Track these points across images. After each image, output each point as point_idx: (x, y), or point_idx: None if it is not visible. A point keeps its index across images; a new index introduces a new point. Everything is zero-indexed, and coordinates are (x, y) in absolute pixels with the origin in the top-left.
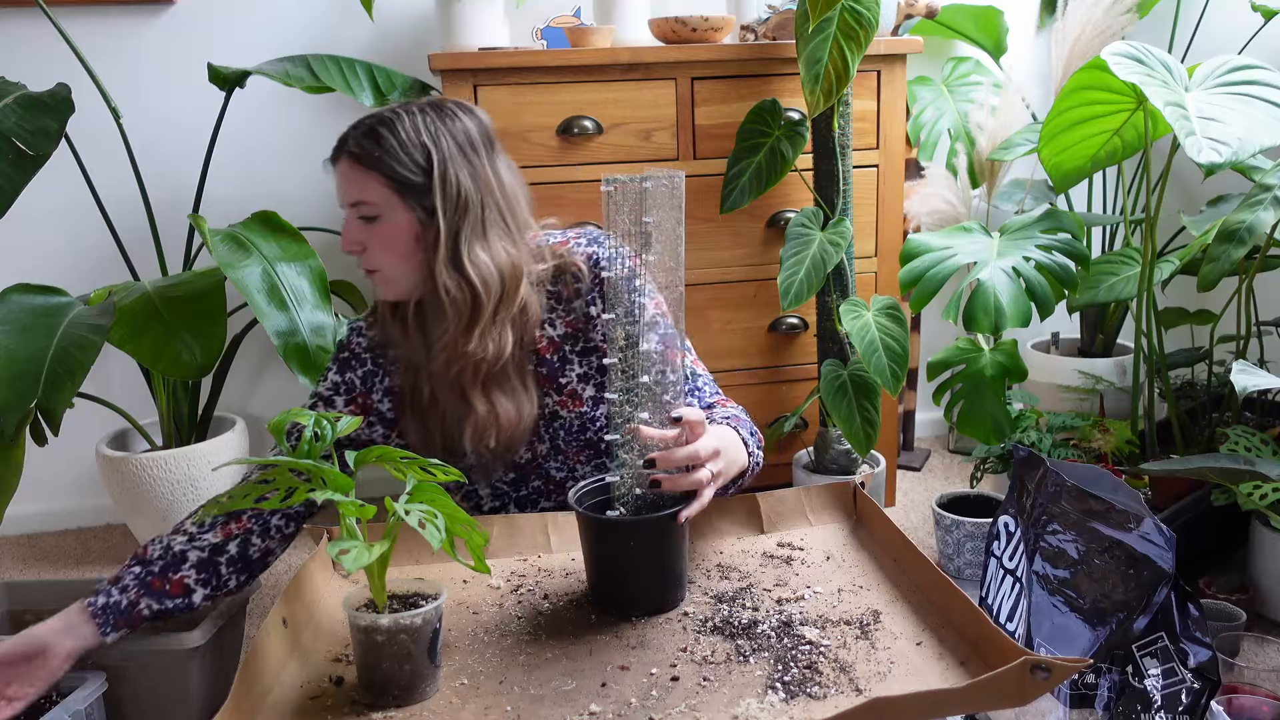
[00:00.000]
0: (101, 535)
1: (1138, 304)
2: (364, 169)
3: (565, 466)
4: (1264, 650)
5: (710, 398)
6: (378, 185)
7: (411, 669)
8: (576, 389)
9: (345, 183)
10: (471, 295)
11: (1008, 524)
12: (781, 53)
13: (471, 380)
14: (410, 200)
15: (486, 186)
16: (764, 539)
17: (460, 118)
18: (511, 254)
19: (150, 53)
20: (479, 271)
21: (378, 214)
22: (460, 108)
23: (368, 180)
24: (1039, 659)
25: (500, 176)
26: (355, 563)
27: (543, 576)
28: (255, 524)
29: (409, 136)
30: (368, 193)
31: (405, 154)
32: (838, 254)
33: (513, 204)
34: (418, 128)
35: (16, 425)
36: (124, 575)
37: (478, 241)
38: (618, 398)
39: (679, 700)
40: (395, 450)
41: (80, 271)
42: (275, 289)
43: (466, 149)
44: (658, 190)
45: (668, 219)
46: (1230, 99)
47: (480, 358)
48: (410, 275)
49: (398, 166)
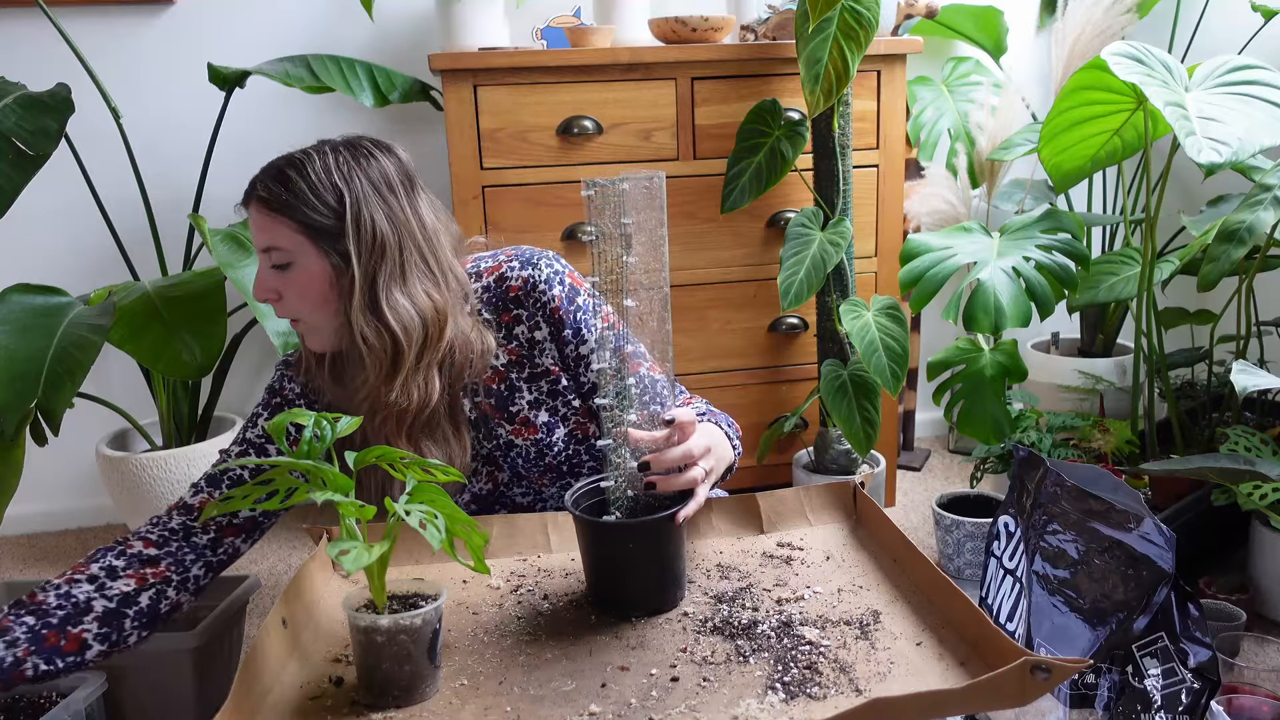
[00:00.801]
0: (101, 535)
1: (1138, 304)
2: (273, 214)
3: (531, 491)
4: (1264, 650)
5: (677, 398)
6: (288, 230)
7: (411, 669)
8: (528, 416)
9: (255, 229)
10: (392, 342)
11: (1008, 524)
12: (781, 53)
13: (395, 429)
14: (323, 245)
15: (405, 228)
16: (764, 539)
17: (376, 157)
18: (435, 297)
19: (150, 53)
20: (399, 317)
21: (290, 260)
22: (377, 146)
23: (277, 226)
24: (1039, 659)
25: (421, 216)
26: (355, 563)
27: (542, 577)
28: (174, 572)
29: (319, 179)
30: (278, 239)
31: (315, 197)
32: (838, 254)
33: (434, 245)
34: (329, 168)
35: (17, 425)
36: (13, 628)
37: (396, 286)
38: (609, 403)
39: (679, 701)
40: (395, 450)
41: (80, 271)
42: None
43: (382, 189)
44: (636, 191)
45: (649, 220)
46: (1230, 99)
47: (404, 406)
48: (328, 323)
49: (308, 210)
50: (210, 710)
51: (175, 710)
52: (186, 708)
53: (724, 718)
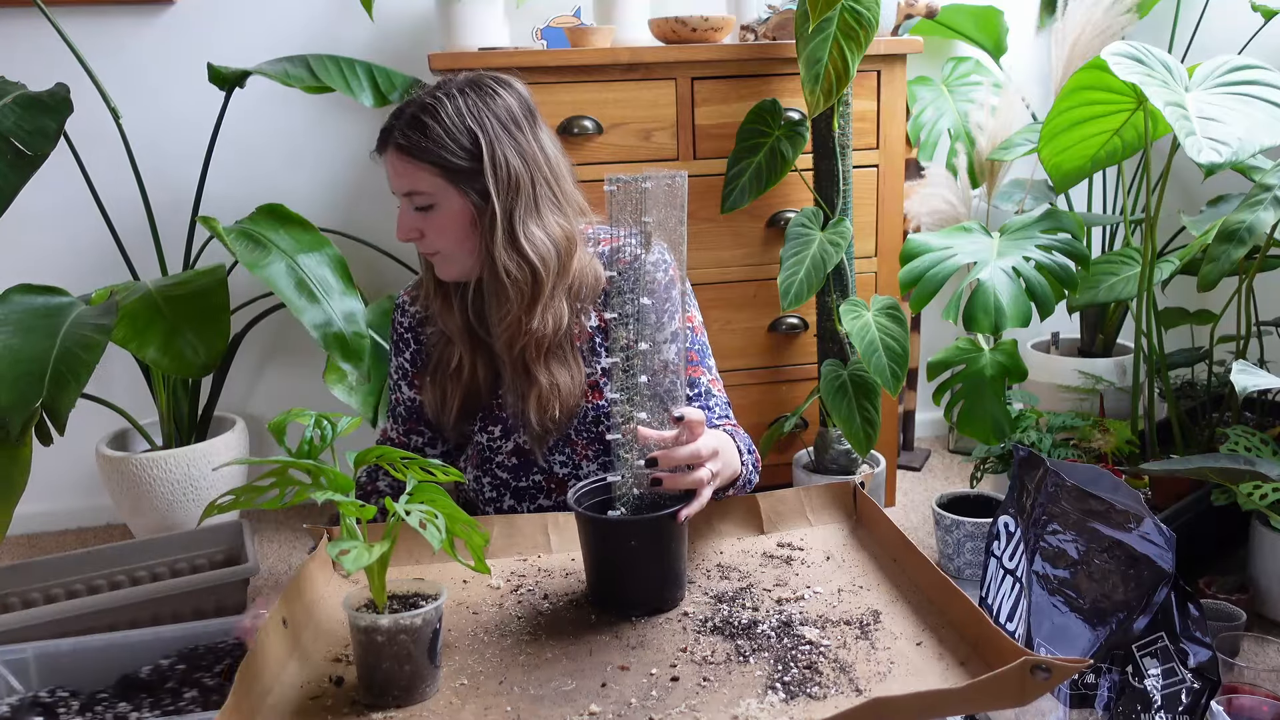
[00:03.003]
0: (101, 535)
1: (1138, 304)
2: (413, 160)
3: (570, 461)
4: (1264, 650)
5: (718, 419)
6: (428, 175)
7: (411, 669)
8: (599, 381)
9: (396, 175)
10: (531, 273)
11: (1008, 524)
12: (781, 53)
13: (535, 356)
14: (462, 186)
15: (534, 161)
16: (764, 539)
17: (500, 94)
18: (564, 226)
19: (150, 53)
20: (536, 249)
21: (432, 202)
22: (498, 83)
23: (418, 171)
24: (1039, 659)
25: (545, 150)
26: (355, 563)
27: (542, 576)
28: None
29: (454, 123)
30: (419, 183)
31: (452, 140)
32: (838, 254)
33: (559, 174)
34: (460, 112)
35: (22, 425)
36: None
37: (531, 219)
38: (619, 397)
39: (679, 700)
40: (395, 450)
41: (80, 271)
42: (303, 282)
43: (510, 126)
44: (659, 190)
45: (669, 218)
46: (1230, 99)
47: (542, 333)
48: (468, 257)
49: (446, 154)
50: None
51: None
52: None
53: (724, 717)
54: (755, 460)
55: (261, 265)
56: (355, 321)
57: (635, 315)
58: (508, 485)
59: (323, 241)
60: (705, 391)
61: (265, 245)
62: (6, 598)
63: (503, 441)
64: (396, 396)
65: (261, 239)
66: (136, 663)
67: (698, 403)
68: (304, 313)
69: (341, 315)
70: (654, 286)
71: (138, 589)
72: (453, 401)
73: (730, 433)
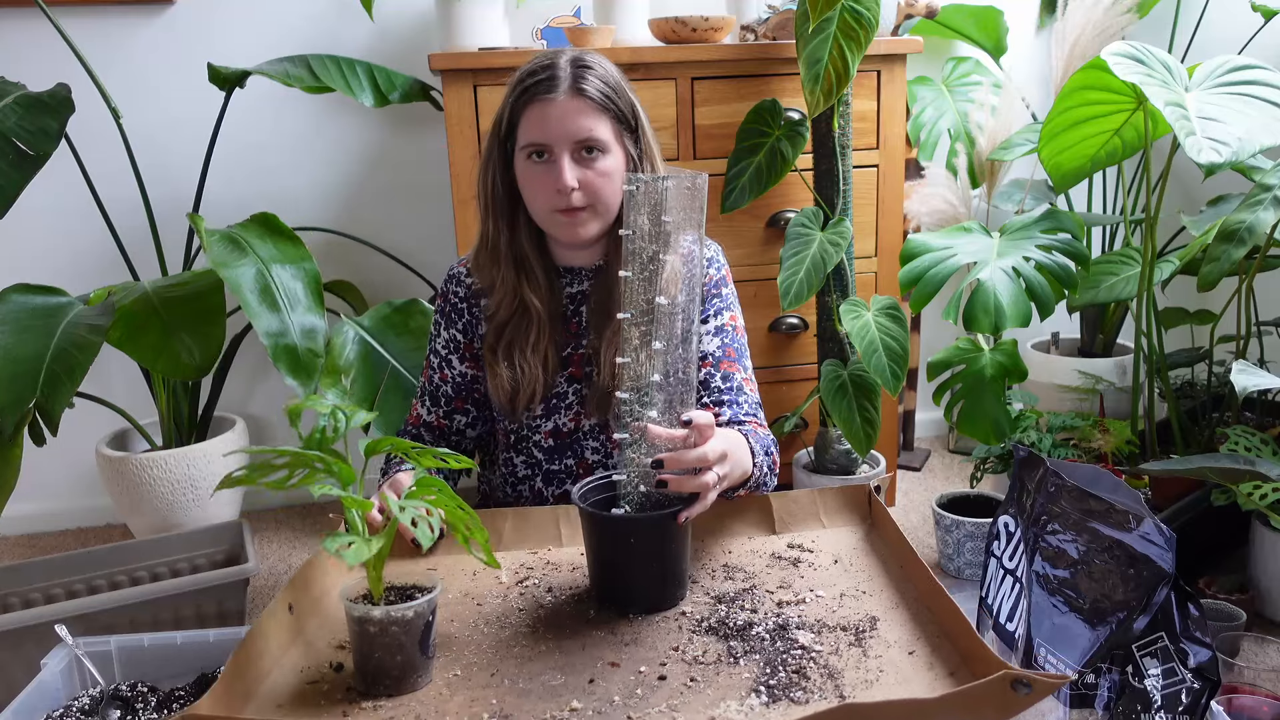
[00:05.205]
0: (101, 535)
1: (1138, 304)
2: (597, 108)
3: (603, 449)
4: (1264, 650)
5: (744, 416)
6: (607, 123)
7: (403, 660)
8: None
9: (577, 119)
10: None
11: (1008, 524)
12: (781, 53)
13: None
14: (626, 139)
15: (649, 125)
16: (775, 540)
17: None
18: None
19: (150, 53)
20: None
21: (606, 150)
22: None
23: (600, 117)
24: (1020, 674)
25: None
26: (355, 557)
27: (549, 570)
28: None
29: (617, 82)
30: (599, 129)
31: (620, 97)
32: (838, 254)
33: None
34: (613, 73)
35: (15, 425)
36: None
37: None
38: (628, 396)
39: (661, 700)
40: (405, 441)
41: (80, 271)
42: (268, 290)
43: (636, 97)
44: (679, 190)
45: (689, 219)
46: (1230, 99)
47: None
48: (613, 214)
49: (621, 108)
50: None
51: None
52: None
53: (701, 718)
54: (773, 462)
55: (230, 266)
56: (313, 338)
57: (651, 314)
58: (540, 466)
59: (305, 258)
60: (738, 388)
61: (244, 250)
62: (6, 598)
63: (543, 421)
64: (443, 374)
65: (242, 243)
66: (216, 661)
67: (729, 398)
68: (259, 318)
69: (300, 329)
70: (692, 283)
71: (138, 589)
72: (531, 375)
73: (749, 434)
